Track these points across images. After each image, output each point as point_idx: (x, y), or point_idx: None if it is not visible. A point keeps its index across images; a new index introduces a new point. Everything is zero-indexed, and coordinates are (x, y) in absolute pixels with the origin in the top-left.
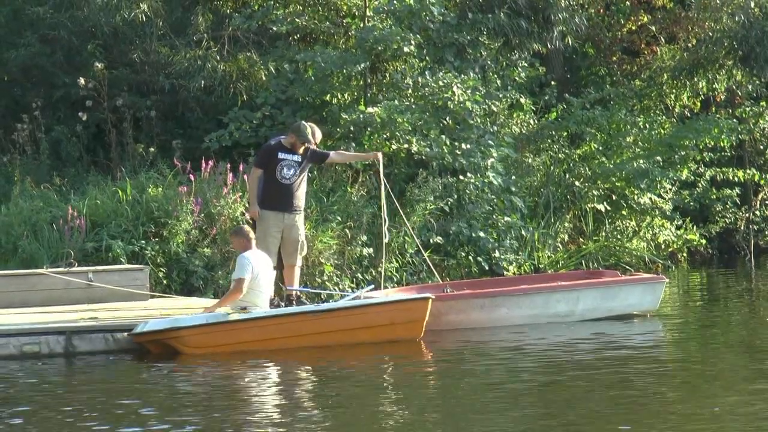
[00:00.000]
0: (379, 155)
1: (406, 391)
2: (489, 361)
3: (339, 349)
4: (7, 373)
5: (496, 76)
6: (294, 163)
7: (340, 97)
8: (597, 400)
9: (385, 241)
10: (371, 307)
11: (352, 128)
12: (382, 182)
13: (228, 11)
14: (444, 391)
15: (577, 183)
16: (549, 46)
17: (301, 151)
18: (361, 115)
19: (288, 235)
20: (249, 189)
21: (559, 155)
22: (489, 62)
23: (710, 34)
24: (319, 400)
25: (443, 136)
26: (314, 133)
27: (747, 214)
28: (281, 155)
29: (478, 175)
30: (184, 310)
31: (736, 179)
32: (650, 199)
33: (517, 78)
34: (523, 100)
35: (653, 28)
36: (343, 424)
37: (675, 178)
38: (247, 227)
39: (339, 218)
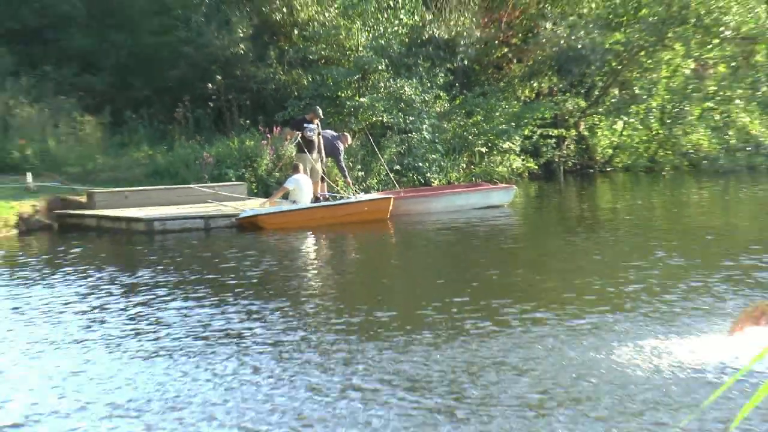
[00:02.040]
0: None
1: (368, 250)
2: (422, 230)
3: (340, 225)
4: (173, 239)
5: (428, 81)
6: (313, 129)
7: (346, 93)
8: (480, 250)
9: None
10: (357, 203)
11: (352, 110)
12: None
13: (286, 47)
14: (397, 249)
15: (470, 137)
16: (455, 64)
17: (315, 122)
18: (356, 103)
19: (313, 168)
20: (292, 132)
21: (461, 123)
22: (424, 74)
23: (540, 57)
24: (313, 259)
25: (400, 113)
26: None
27: (559, 152)
28: (306, 125)
29: (419, 134)
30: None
31: (553, 133)
32: (508, 145)
33: (438, 82)
34: (441, 94)
35: (510, 55)
36: (321, 278)
37: (521, 135)
38: (297, 163)
39: (346, 156)
